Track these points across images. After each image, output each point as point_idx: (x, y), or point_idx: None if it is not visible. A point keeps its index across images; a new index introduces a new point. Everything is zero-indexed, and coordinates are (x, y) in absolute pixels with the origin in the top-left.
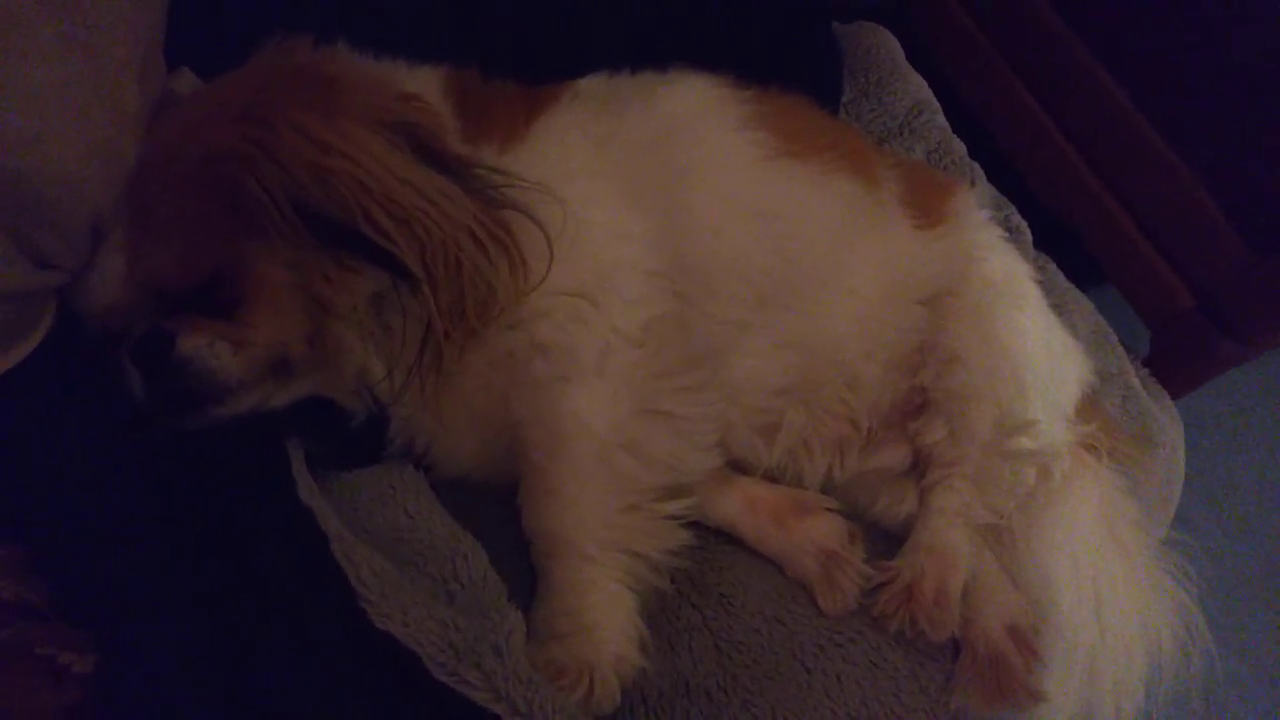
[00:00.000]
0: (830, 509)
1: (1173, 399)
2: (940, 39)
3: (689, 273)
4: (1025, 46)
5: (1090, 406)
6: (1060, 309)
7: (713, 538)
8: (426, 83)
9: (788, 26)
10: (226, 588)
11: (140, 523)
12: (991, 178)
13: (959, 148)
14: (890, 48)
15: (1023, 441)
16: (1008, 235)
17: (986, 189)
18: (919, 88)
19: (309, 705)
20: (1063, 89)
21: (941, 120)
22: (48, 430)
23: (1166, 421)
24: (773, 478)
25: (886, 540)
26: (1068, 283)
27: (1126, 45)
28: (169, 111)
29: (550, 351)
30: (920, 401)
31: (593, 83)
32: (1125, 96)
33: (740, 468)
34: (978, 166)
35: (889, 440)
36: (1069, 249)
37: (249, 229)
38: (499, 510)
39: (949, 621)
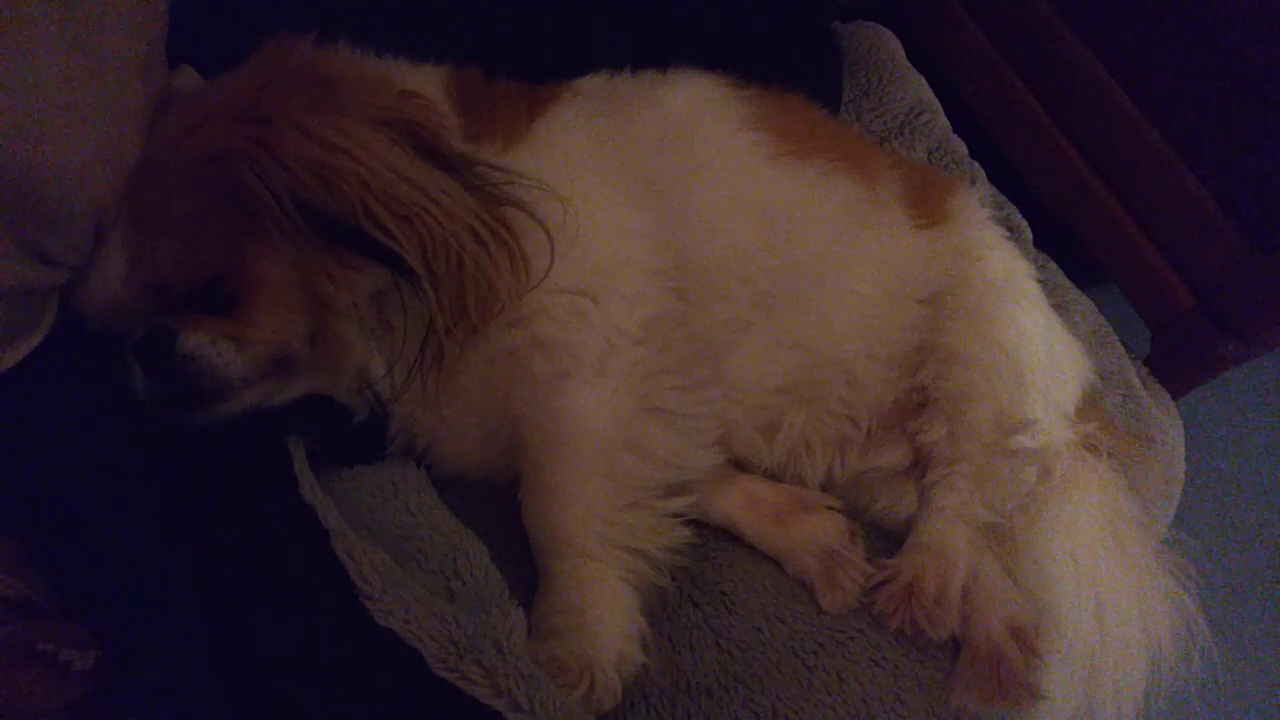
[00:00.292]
0: (831, 507)
1: (1173, 399)
2: (940, 39)
3: (690, 271)
4: (1025, 46)
5: (1090, 406)
6: (1061, 309)
7: (714, 536)
8: (428, 81)
9: (788, 26)
10: (228, 584)
11: (142, 519)
12: (992, 177)
13: (960, 147)
14: (890, 47)
15: (1023, 440)
16: (1008, 234)
17: (987, 189)
18: (919, 87)
19: (311, 701)
20: (1063, 89)
21: (942, 120)
22: (50, 426)
23: (1166, 421)
24: (774, 476)
25: (886, 539)
26: (1068, 282)
27: (1127, 45)
28: (171, 109)
29: (551, 349)
30: (920, 400)
31: (594, 82)
32: (1126, 96)
33: (741, 466)
34: (978, 166)
35: (889, 439)
36: (1069, 249)
37: (251, 227)
38: (500, 507)
39: (949, 620)
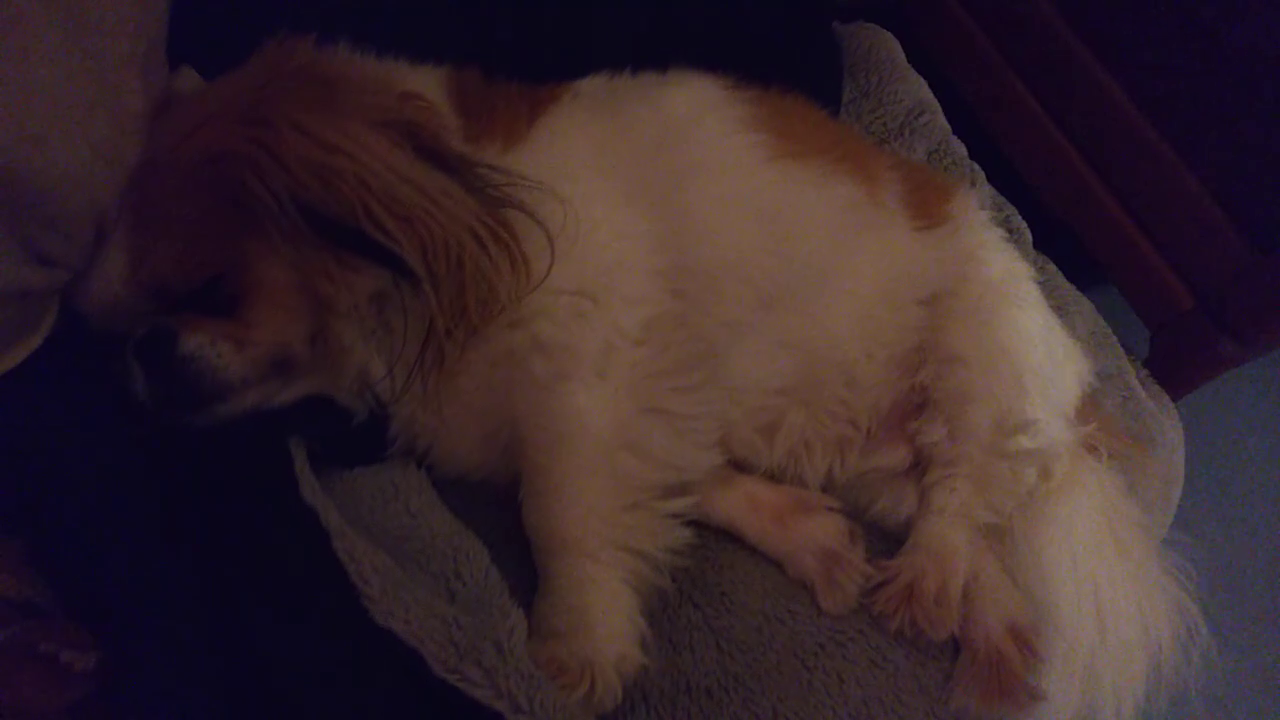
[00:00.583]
0: (831, 508)
1: (1173, 399)
2: (940, 39)
3: (690, 273)
4: (1025, 46)
5: (1090, 406)
6: (1060, 310)
7: (714, 537)
8: (428, 82)
9: (788, 27)
10: (228, 585)
11: (142, 519)
12: (992, 179)
13: (959, 148)
14: (890, 48)
15: (1022, 441)
16: (1008, 236)
17: (987, 190)
18: (919, 88)
19: (311, 702)
20: (1063, 89)
21: (942, 121)
22: (50, 426)
23: (1166, 422)
24: (774, 477)
25: (887, 540)
26: (1067, 284)
27: (1127, 45)
28: (171, 110)
29: (551, 350)
30: (920, 401)
31: (594, 83)
32: (1126, 96)
33: (741, 467)
34: (978, 167)
35: (889, 440)
36: (1069, 249)
37: (251, 228)
38: (500, 508)
39: (949, 621)
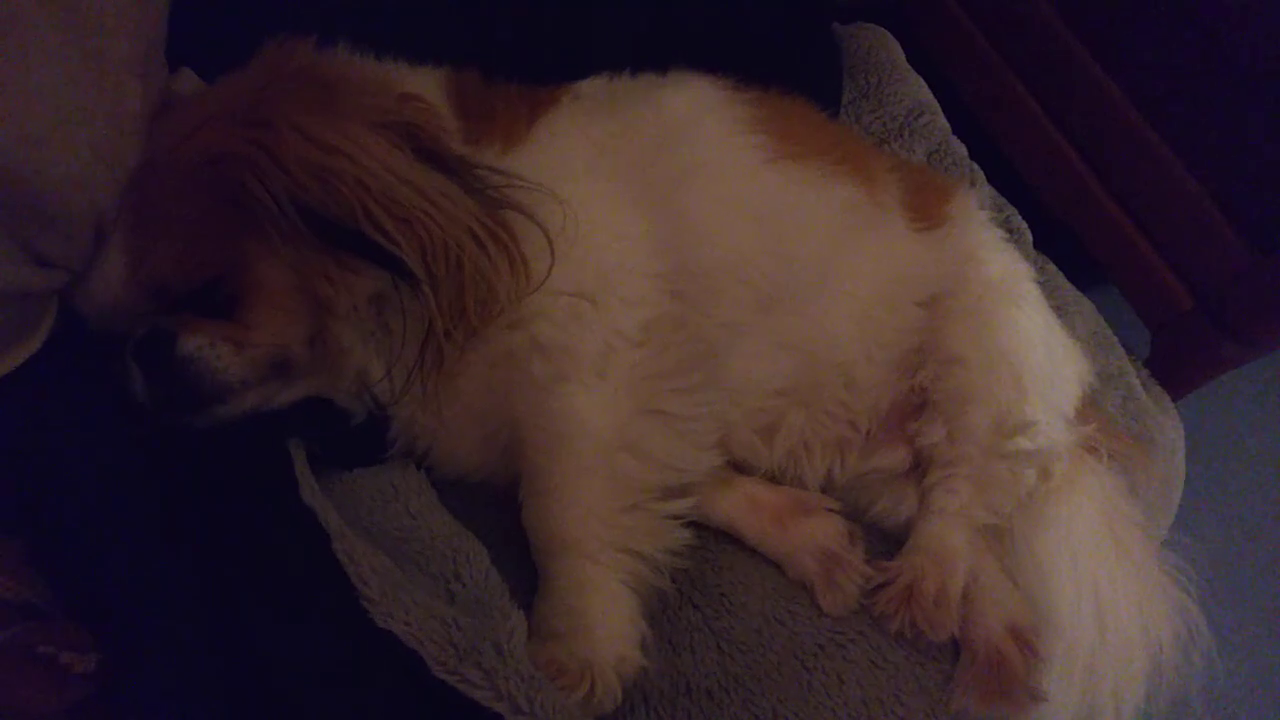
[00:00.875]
0: (831, 509)
1: (1173, 400)
2: (940, 39)
3: (689, 274)
4: (1025, 46)
5: (1090, 407)
6: (1060, 310)
7: (713, 538)
8: (427, 83)
9: (788, 28)
10: (228, 585)
11: (142, 520)
12: (992, 179)
13: (959, 149)
14: (890, 48)
15: (1022, 442)
16: (1008, 236)
17: (987, 190)
18: (919, 89)
19: (311, 703)
20: (1062, 89)
21: (942, 121)
22: (50, 427)
23: (1166, 422)
24: (773, 478)
25: (886, 541)
26: (1068, 284)
27: (1126, 45)
28: (171, 112)
29: (550, 351)
30: (920, 402)
31: (593, 85)
32: (1125, 97)
33: (741, 468)
34: (978, 168)
35: (889, 441)
36: (1069, 250)
37: (250, 229)
38: (500, 509)
39: (949, 622)
